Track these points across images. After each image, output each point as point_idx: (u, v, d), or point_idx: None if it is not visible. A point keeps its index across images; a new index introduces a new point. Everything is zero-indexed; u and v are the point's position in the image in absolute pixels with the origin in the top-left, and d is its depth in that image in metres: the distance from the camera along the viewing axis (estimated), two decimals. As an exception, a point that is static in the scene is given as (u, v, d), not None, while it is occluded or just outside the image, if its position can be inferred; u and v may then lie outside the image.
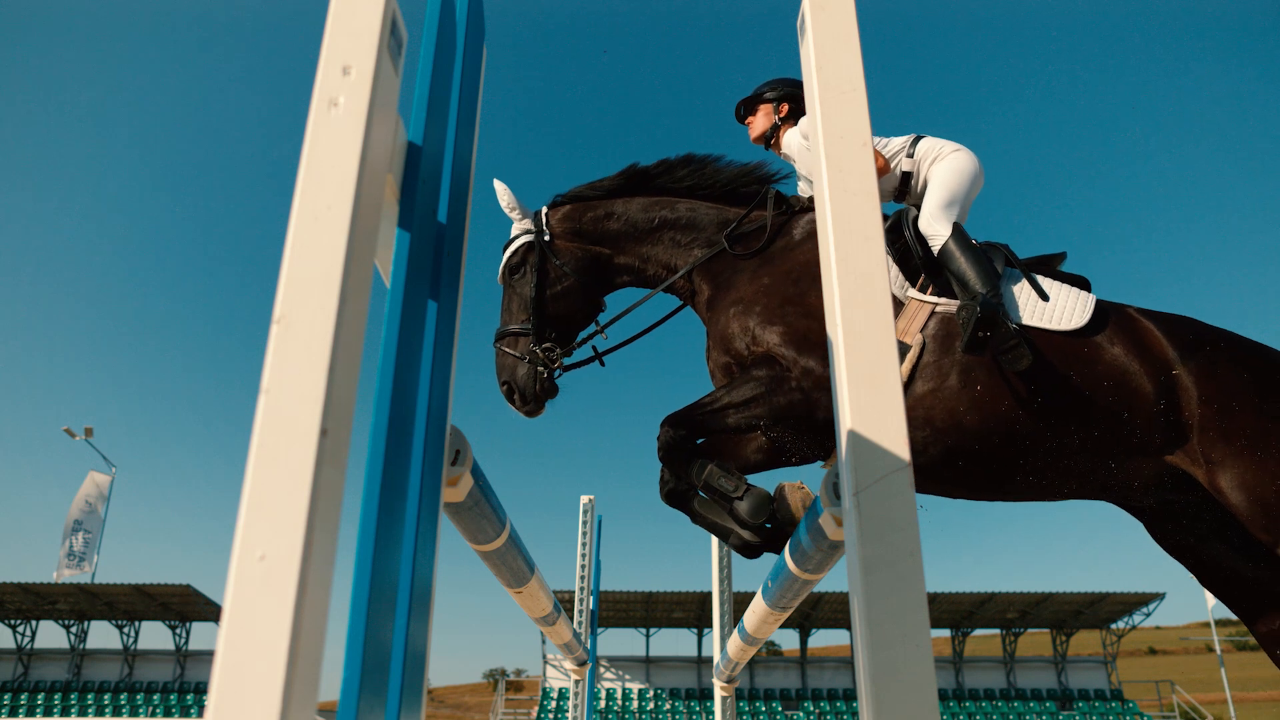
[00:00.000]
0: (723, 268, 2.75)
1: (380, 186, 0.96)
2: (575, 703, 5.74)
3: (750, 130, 3.35)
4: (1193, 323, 2.61)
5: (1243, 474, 2.29)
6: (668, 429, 2.35)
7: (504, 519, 1.91)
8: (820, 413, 2.38)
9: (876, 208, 1.09)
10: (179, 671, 30.13)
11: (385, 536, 0.89)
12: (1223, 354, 2.47)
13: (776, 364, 2.39)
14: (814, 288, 2.52)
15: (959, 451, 2.38)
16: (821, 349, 2.39)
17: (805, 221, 2.81)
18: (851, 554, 0.98)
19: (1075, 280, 2.70)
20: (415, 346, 1.03)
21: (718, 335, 2.60)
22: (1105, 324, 2.51)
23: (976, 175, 2.89)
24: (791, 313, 2.46)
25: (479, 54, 1.33)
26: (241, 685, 0.70)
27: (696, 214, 2.85)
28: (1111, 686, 30.50)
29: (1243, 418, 2.34)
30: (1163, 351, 2.47)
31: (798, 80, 3.31)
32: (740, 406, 2.34)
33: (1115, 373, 2.41)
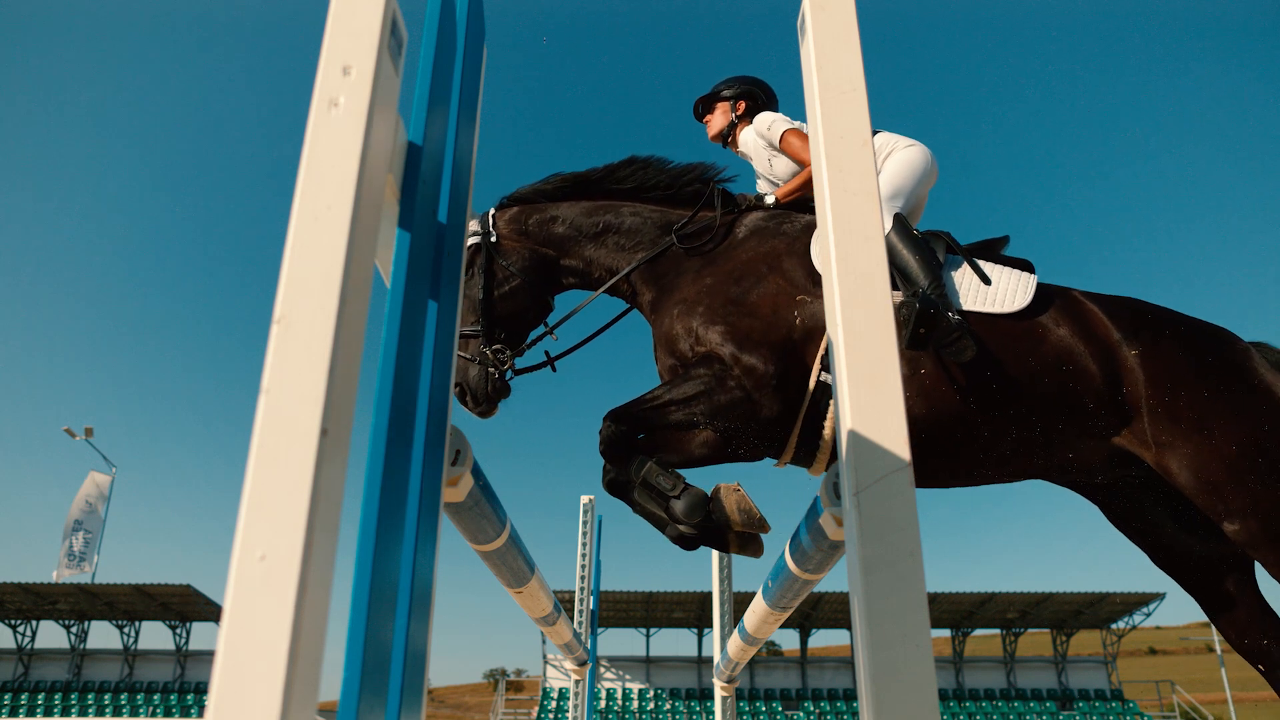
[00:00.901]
0: (666, 270, 2.75)
1: (380, 186, 0.96)
2: (575, 703, 5.74)
3: (708, 129, 3.35)
4: (1137, 304, 2.62)
5: (1189, 453, 2.31)
6: (609, 424, 2.36)
7: (504, 519, 1.92)
8: (762, 411, 2.38)
9: (877, 208, 1.09)
10: (179, 672, 30.13)
11: (385, 536, 0.89)
12: (1166, 334, 2.48)
13: (718, 362, 2.40)
14: (756, 286, 2.53)
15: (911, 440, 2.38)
16: (764, 348, 2.39)
17: (750, 220, 2.81)
18: (851, 554, 0.98)
19: (1019, 264, 2.71)
20: (415, 346, 1.03)
21: (662, 337, 2.61)
22: (1049, 306, 2.52)
23: (927, 170, 2.89)
24: (734, 312, 2.46)
25: (479, 54, 1.33)
26: (242, 685, 0.70)
27: (640, 217, 2.86)
28: (1112, 686, 30.50)
29: (1187, 397, 2.36)
30: (1107, 333, 2.48)
31: (755, 78, 3.31)
32: (682, 403, 2.35)
33: (1061, 354, 2.42)
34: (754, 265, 2.59)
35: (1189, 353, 2.44)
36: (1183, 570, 2.67)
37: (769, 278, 2.54)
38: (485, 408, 2.76)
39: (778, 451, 2.53)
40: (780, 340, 2.41)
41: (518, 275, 2.81)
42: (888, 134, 3.03)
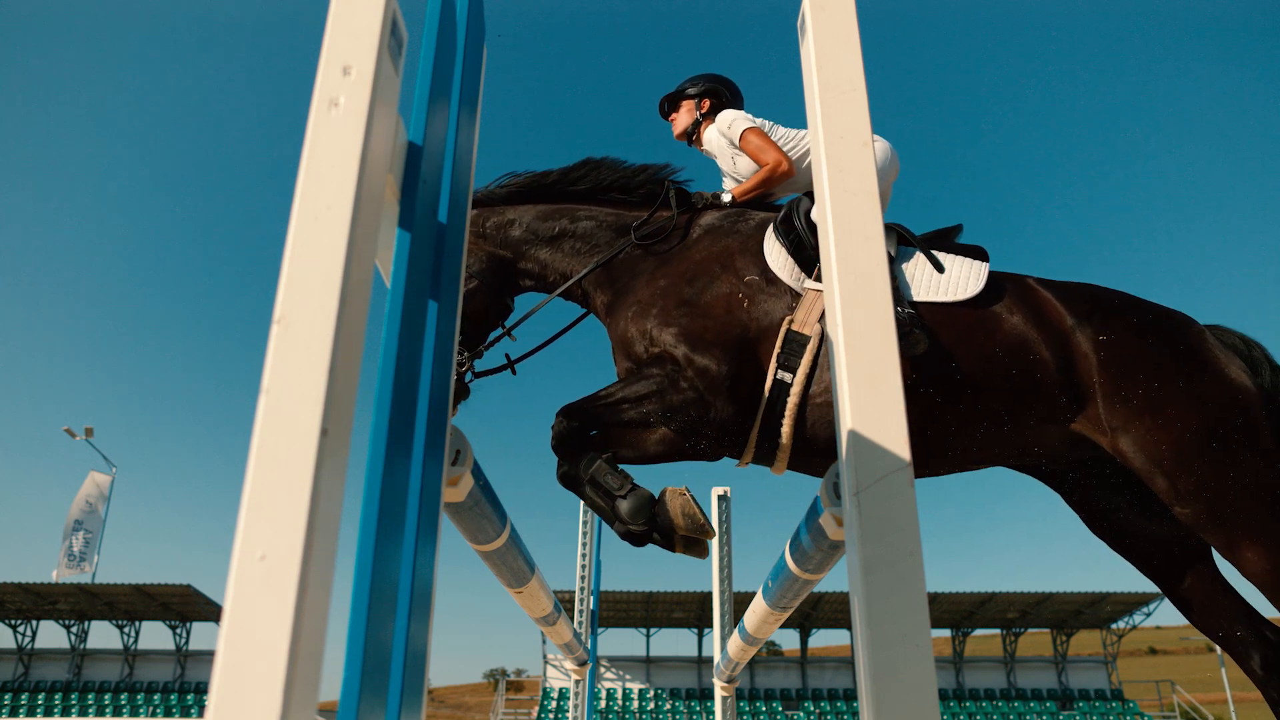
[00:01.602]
0: (621, 273, 2.75)
1: (380, 186, 0.96)
2: (575, 703, 5.74)
3: (673, 127, 3.35)
4: (1091, 289, 2.62)
5: (1141, 437, 2.32)
6: (561, 419, 2.36)
7: (504, 519, 1.92)
8: (715, 413, 2.38)
9: (877, 208, 1.09)
10: (179, 671, 30.13)
11: (385, 536, 0.89)
12: (1119, 318, 2.49)
13: (671, 363, 2.40)
14: (710, 287, 2.53)
15: None
16: (717, 349, 2.40)
17: (706, 219, 2.81)
18: (852, 554, 0.98)
19: (972, 251, 2.71)
20: (415, 346, 1.03)
21: (618, 339, 2.60)
22: (1002, 294, 2.52)
23: (885, 165, 2.89)
24: (687, 313, 2.46)
25: (479, 54, 1.33)
26: (242, 685, 0.70)
27: (595, 221, 2.85)
28: (1112, 686, 30.49)
29: (1140, 381, 2.36)
30: (1060, 319, 2.48)
31: (720, 76, 3.30)
32: (634, 402, 2.35)
33: (1015, 342, 2.42)
34: (707, 265, 2.59)
35: (1142, 337, 2.45)
36: (1143, 556, 2.69)
37: (722, 277, 2.54)
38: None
39: (738, 451, 2.53)
40: (734, 340, 2.42)
41: (475, 278, 2.82)
42: None
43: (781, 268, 2.55)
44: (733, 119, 3.09)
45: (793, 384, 2.37)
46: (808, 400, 2.39)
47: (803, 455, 2.47)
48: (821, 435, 2.41)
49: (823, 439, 2.42)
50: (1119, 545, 2.72)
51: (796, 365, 2.38)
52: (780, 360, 2.39)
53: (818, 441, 2.42)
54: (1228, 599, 2.57)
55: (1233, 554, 2.26)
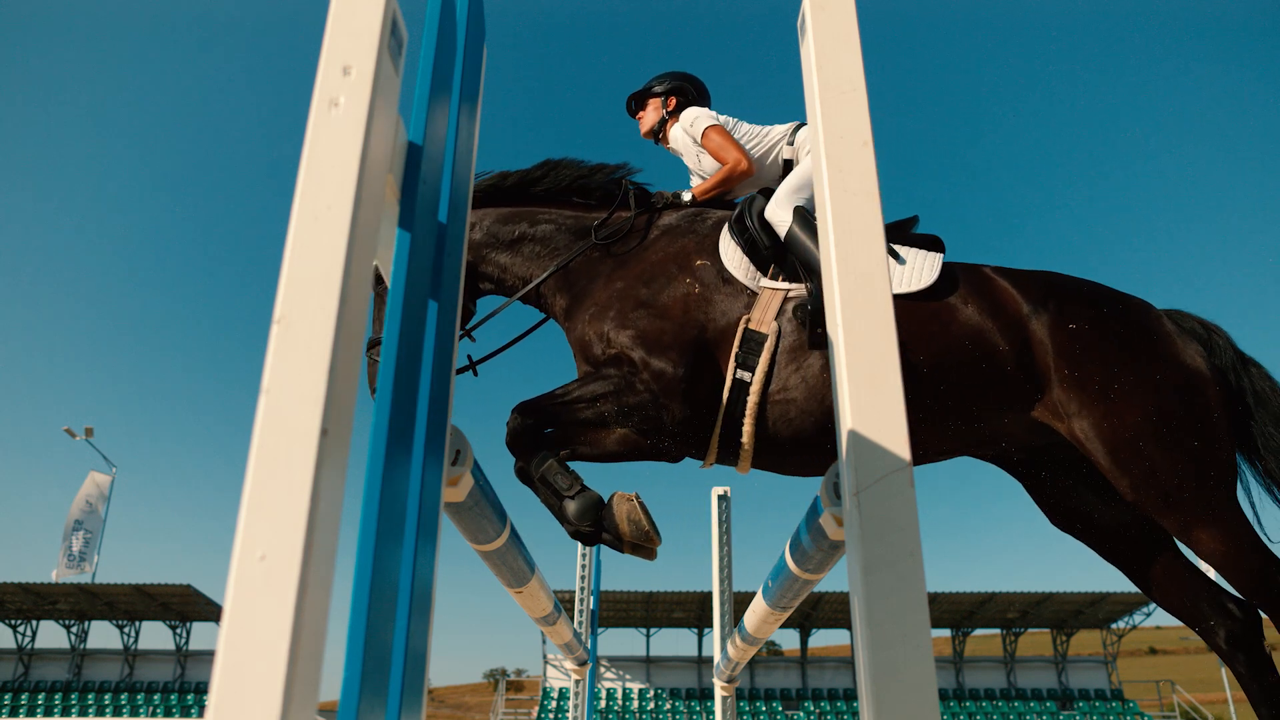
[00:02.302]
0: (579, 276, 2.74)
1: (380, 186, 0.96)
2: (576, 703, 5.74)
3: (641, 125, 3.34)
4: (1048, 276, 2.62)
5: (1096, 421, 2.32)
6: (517, 416, 2.36)
7: (504, 519, 1.92)
8: (669, 415, 2.38)
9: (877, 208, 1.09)
10: (179, 671, 30.13)
11: (385, 536, 0.89)
12: (1074, 304, 2.49)
13: (628, 364, 2.40)
14: (667, 288, 2.52)
15: (830, 429, 2.40)
16: (674, 351, 2.39)
17: (664, 220, 2.80)
18: (852, 554, 0.98)
19: (928, 242, 2.71)
20: (415, 346, 1.03)
21: (576, 342, 2.60)
22: (958, 285, 2.53)
23: None
24: (644, 315, 2.46)
25: (479, 54, 1.33)
26: (242, 685, 0.70)
27: (554, 224, 2.84)
28: (1112, 686, 30.49)
29: (1095, 366, 2.37)
30: (1016, 307, 2.48)
31: (687, 74, 3.30)
32: (590, 402, 2.35)
33: (970, 332, 2.42)
34: (664, 266, 2.59)
35: (1098, 323, 2.45)
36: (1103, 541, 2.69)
37: (679, 278, 2.54)
38: None
39: (701, 452, 2.52)
40: (690, 342, 2.41)
41: None
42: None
43: (737, 267, 2.54)
44: (695, 116, 3.09)
45: (752, 383, 2.38)
46: (767, 399, 2.39)
47: (766, 454, 2.47)
48: (783, 433, 2.41)
49: (784, 437, 2.41)
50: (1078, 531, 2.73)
51: (755, 364, 2.38)
52: (739, 359, 2.39)
53: (779, 440, 2.42)
54: (1190, 577, 2.57)
55: (1187, 536, 2.27)
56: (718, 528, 5.37)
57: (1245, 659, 2.42)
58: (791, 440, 2.41)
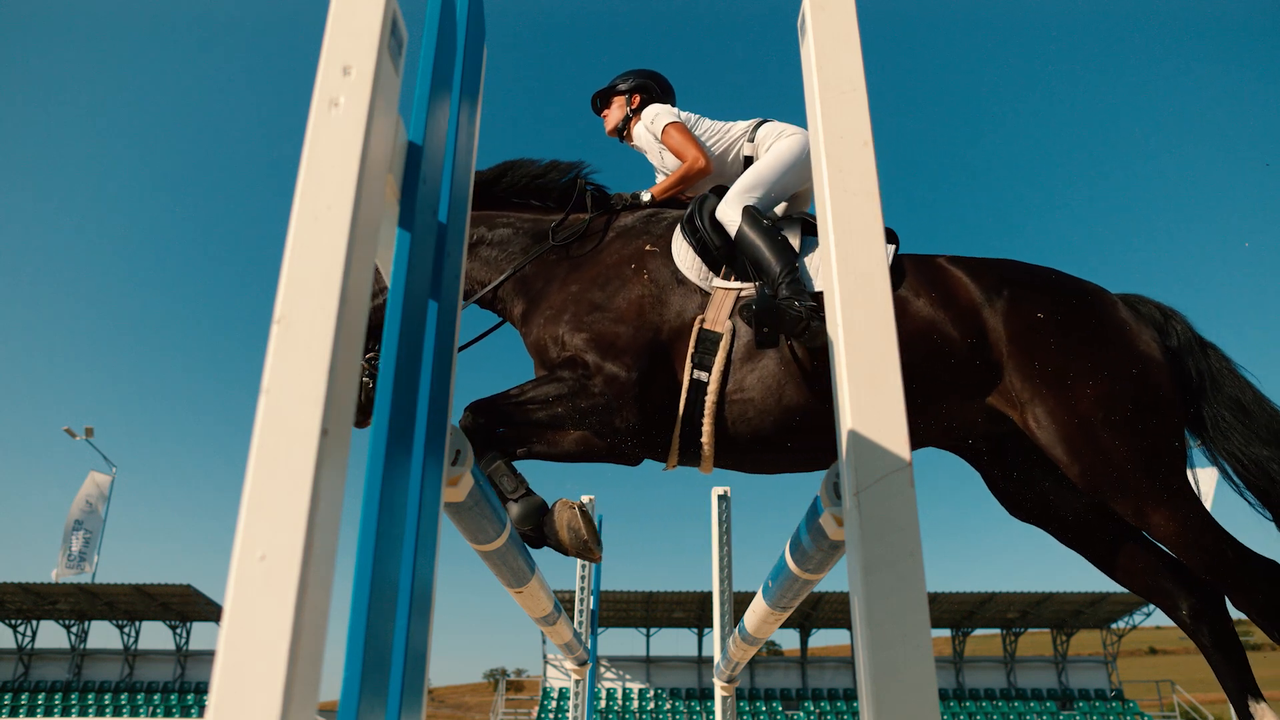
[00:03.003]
0: (536, 279, 2.73)
1: (380, 186, 0.96)
2: (576, 703, 5.74)
3: (605, 123, 3.33)
4: (1003, 264, 2.61)
5: (1050, 409, 2.32)
6: (469, 415, 2.36)
7: (504, 519, 1.92)
8: (620, 420, 2.37)
9: (877, 208, 1.09)
10: (179, 671, 30.12)
11: (385, 536, 0.89)
12: (1028, 292, 2.48)
13: (582, 367, 2.40)
14: (621, 290, 2.52)
15: (789, 427, 2.40)
16: (628, 355, 2.39)
17: (620, 221, 2.79)
18: (852, 554, 0.98)
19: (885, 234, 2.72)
20: (415, 346, 1.03)
21: (532, 346, 2.59)
22: (910, 277, 2.52)
23: (797, 160, 2.86)
24: (599, 318, 2.45)
25: (479, 54, 1.33)
26: (242, 685, 0.70)
27: (511, 228, 2.83)
28: (1112, 686, 30.48)
29: (1046, 354, 2.36)
30: (969, 296, 2.48)
31: (651, 71, 3.30)
32: (544, 403, 2.35)
33: (922, 324, 2.42)
34: (619, 268, 2.58)
35: (1051, 309, 2.44)
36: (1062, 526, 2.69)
37: (634, 280, 2.53)
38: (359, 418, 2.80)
39: (662, 453, 2.52)
40: (645, 345, 2.41)
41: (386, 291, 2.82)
42: (773, 124, 3.01)
43: (689, 268, 2.54)
44: (656, 114, 3.08)
45: (709, 382, 2.37)
46: (725, 398, 2.38)
47: (726, 454, 2.46)
48: (743, 432, 2.40)
49: (744, 436, 2.41)
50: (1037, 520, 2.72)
51: (711, 364, 2.38)
52: (695, 360, 2.39)
53: (739, 439, 2.41)
54: (1152, 556, 2.57)
55: (1140, 520, 2.27)
56: (718, 528, 5.37)
57: (1209, 632, 2.43)
58: (751, 439, 2.41)
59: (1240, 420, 2.38)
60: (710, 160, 2.97)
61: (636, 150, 3.26)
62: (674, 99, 3.31)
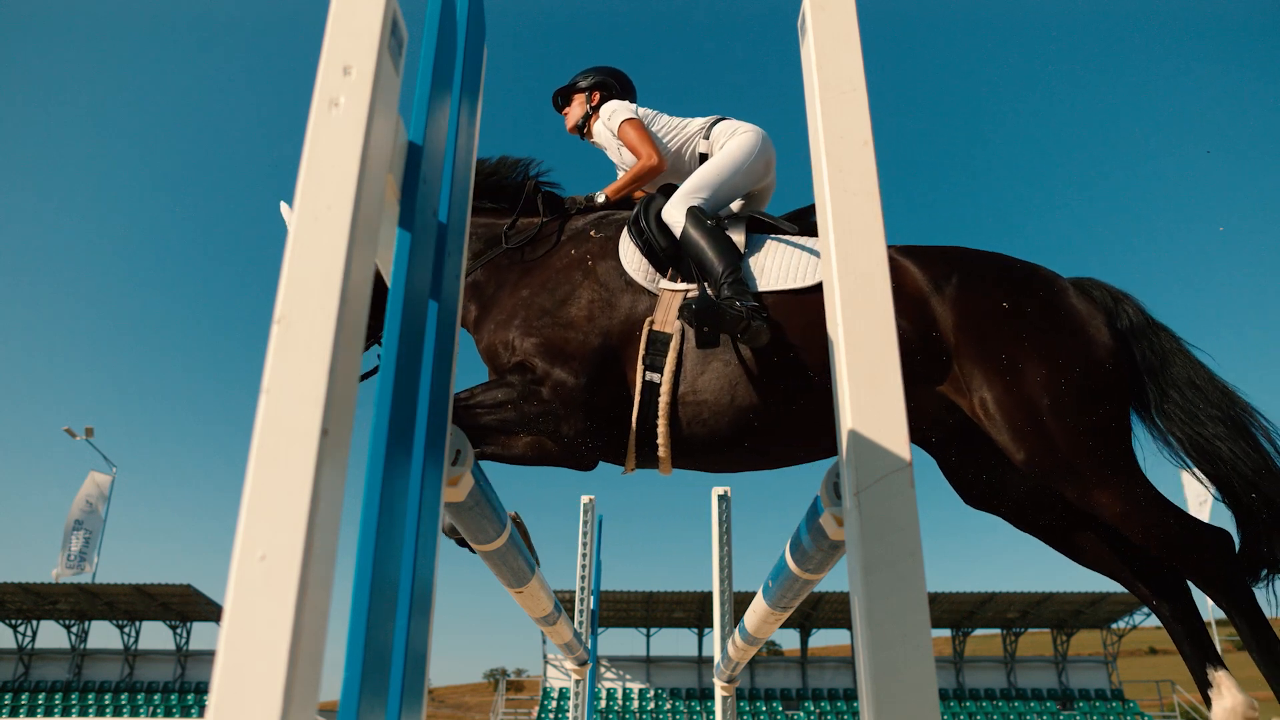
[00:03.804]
0: (488, 283, 2.72)
1: (381, 186, 0.96)
2: (576, 703, 5.74)
3: (566, 121, 3.32)
4: (952, 251, 2.60)
5: (995, 396, 2.30)
6: None
7: (504, 519, 1.92)
8: (565, 427, 2.36)
9: (877, 208, 1.09)
10: (180, 671, 30.13)
11: (386, 536, 0.89)
12: (977, 278, 2.47)
13: (530, 372, 2.39)
14: (570, 295, 2.51)
15: (744, 426, 2.39)
16: (576, 361, 2.38)
17: (572, 224, 2.77)
18: (852, 554, 0.98)
19: None
20: (415, 346, 1.03)
21: (484, 352, 2.59)
22: None
23: (748, 159, 2.84)
24: (548, 324, 2.45)
25: (479, 54, 1.33)
26: (242, 685, 0.70)
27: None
28: (1112, 686, 30.49)
29: (994, 339, 2.35)
30: (917, 286, 2.47)
31: (612, 68, 3.30)
32: (491, 408, 2.34)
33: None
34: (569, 272, 2.57)
35: (1000, 296, 2.43)
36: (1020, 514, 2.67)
37: (583, 285, 2.52)
38: None
39: (619, 457, 2.51)
40: (594, 350, 2.40)
41: None
42: (728, 122, 3.00)
43: (636, 270, 2.53)
44: (613, 110, 3.07)
45: (662, 383, 2.37)
46: (679, 399, 2.38)
47: (684, 455, 2.45)
48: (698, 432, 2.40)
49: (700, 436, 2.40)
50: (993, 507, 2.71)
51: (663, 365, 2.37)
52: (647, 361, 2.38)
53: (695, 439, 2.40)
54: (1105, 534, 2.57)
55: (1086, 502, 2.26)
56: (718, 528, 5.37)
57: (1170, 605, 2.43)
58: (707, 439, 2.41)
59: (1190, 399, 2.37)
60: (664, 158, 2.95)
61: (597, 147, 3.25)
62: (634, 96, 3.30)
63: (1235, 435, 2.32)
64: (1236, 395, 2.40)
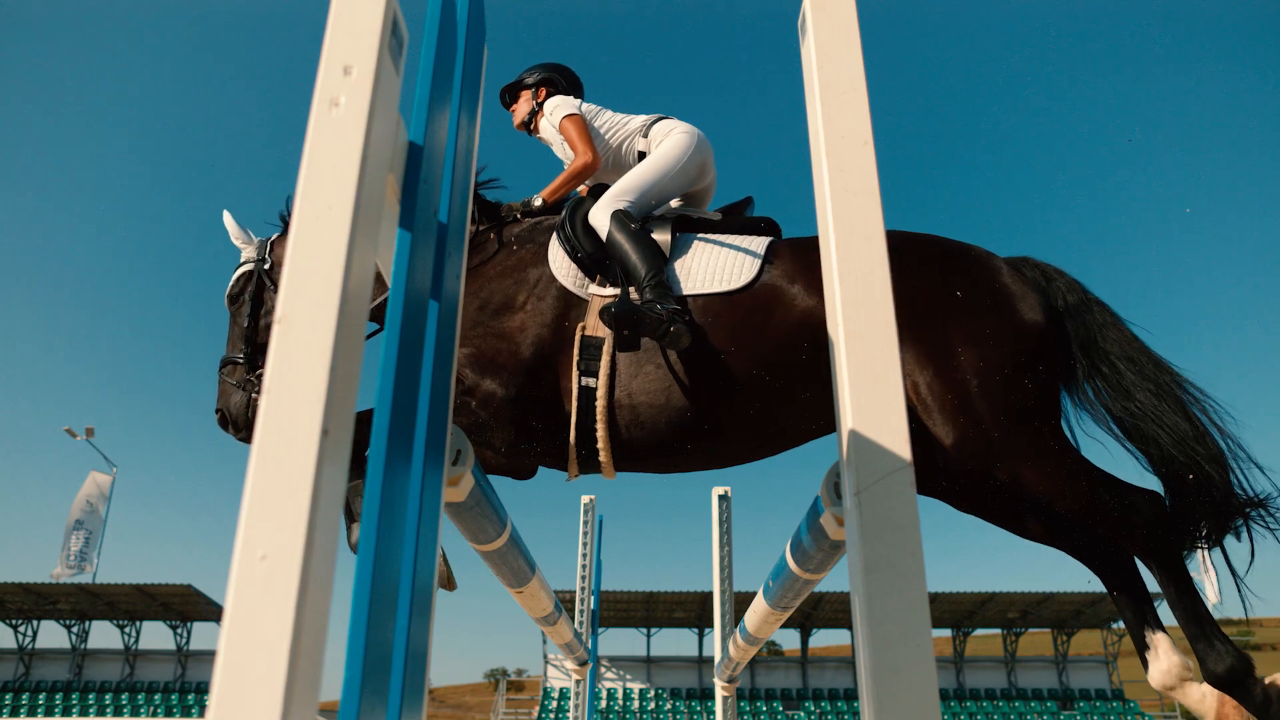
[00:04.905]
0: None
1: (381, 186, 0.96)
2: (576, 703, 5.74)
3: (514, 118, 3.31)
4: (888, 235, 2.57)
5: (928, 380, 2.28)
6: None
7: (505, 519, 1.92)
8: (496, 439, 2.36)
9: (877, 208, 1.09)
10: (180, 671, 30.14)
11: (386, 536, 0.89)
12: (906, 261, 2.43)
13: (460, 383, 2.38)
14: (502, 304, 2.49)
15: (682, 428, 2.38)
16: (506, 372, 2.37)
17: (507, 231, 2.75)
18: (853, 554, 0.98)
19: (760, 225, 2.67)
20: (416, 346, 1.03)
21: None
22: (785, 265, 2.47)
23: (677, 163, 2.81)
24: (480, 333, 2.44)
25: (479, 54, 1.33)
26: (243, 685, 0.70)
27: None
28: (1112, 686, 30.48)
29: (927, 324, 2.33)
30: None
31: (559, 64, 3.28)
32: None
33: (799, 313, 2.37)
34: (500, 281, 2.56)
35: (931, 278, 2.40)
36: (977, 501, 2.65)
37: (515, 293, 2.51)
38: (246, 434, 2.76)
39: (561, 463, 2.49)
40: (525, 360, 2.39)
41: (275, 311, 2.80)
42: (667, 121, 2.99)
43: (566, 275, 2.51)
44: (554, 106, 3.05)
45: (598, 388, 2.36)
46: (615, 403, 2.37)
47: (626, 458, 2.44)
48: (637, 436, 2.38)
49: (639, 439, 2.39)
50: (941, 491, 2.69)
51: (597, 369, 2.36)
52: (581, 367, 2.37)
53: (635, 443, 2.40)
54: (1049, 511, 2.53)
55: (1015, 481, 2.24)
56: (718, 527, 5.37)
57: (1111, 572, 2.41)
58: (647, 442, 2.40)
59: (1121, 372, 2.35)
60: (599, 156, 2.93)
61: (544, 143, 3.23)
62: (581, 92, 3.29)
63: (1167, 407, 2.30)
64: (1168, 365, 2.38)
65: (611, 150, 3.02)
